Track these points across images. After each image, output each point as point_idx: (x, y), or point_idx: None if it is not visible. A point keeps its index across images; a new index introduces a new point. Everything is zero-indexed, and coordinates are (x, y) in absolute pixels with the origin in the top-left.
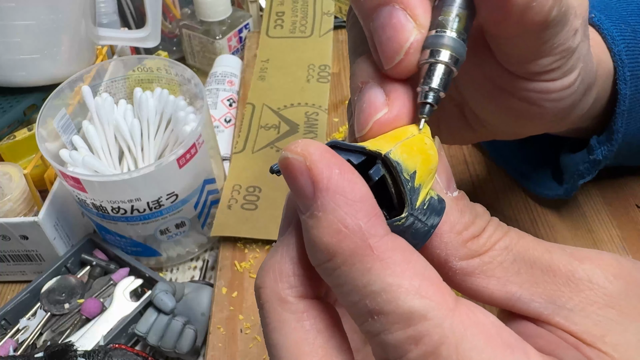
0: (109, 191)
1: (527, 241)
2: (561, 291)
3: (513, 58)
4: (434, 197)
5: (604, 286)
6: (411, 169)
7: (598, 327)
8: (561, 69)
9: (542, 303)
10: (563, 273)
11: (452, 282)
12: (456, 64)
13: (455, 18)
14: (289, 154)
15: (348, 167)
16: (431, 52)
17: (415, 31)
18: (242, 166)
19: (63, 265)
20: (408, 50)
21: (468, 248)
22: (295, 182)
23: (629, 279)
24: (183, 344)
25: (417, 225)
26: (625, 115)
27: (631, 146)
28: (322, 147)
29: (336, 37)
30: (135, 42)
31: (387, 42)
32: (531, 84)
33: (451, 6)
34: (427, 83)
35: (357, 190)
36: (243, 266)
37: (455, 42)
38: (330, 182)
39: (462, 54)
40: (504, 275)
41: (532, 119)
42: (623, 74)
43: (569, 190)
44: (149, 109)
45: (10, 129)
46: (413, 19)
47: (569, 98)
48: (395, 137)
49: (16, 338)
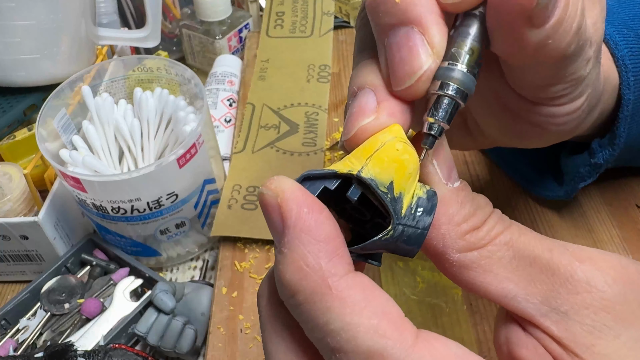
0: (109, 191)
1: (528, 238)
2: (557, 292)
3: (524, 83)
4: (422, 197)
5: (602, 289)
6: (387, 180)
7: (589, 334)
8: (570, 95)
9: (536, 304)
10: (562, 273)
11: (449, 273)
12: (465, 99)
13: (468, 51)
14: (264, 190)
15: (317, 206)
16: (441, 85)
17: (431, 60)
18: (242, 166)
19: (63, 265)
20: (420, 78)
21: (466, 240)
22: (268, 217)
23: (630, 282)
24: (183, 344)
25: (408, 231)
26: (628, 120)
27: (632, 149)
28: (294, 186)
29: (336, 37)
30: (135, 42)
31: (400, 64)
32: (538, 107)
33: (465, 39)
34: (434, 115)
35: (322, 230)
36: (243, 266)
37: (466, 77)
38: (297, 220)
39: (471, 89)
40: (501, 271)
41: (535, 137)
42: (627, 79)
43: (570, 192)
44: (149, 109)
45: (10, 129)
46: (430, 46)
47: (573, 121)
48: (367, 150)
49: (16, 338)
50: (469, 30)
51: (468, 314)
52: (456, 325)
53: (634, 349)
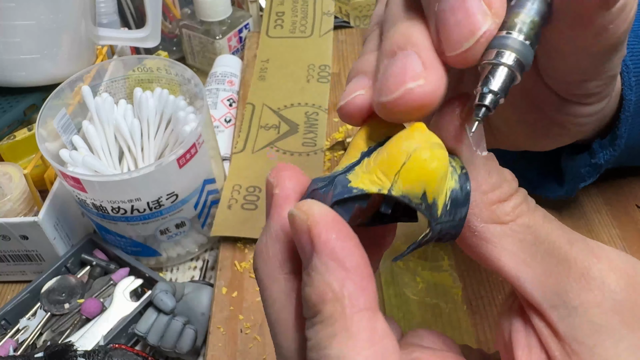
0: (109, 191)
1: (552, 226)
2: (571, 285)
3: (562, 77)
4: (455, 189)
5: (614, 291)
6: (419, 192)
7: (594, 333)
8: (601, 94)
9: (547, 294)
10: (578, 268)
11: (466, 243)
12: (522, 71)
13: (529, 23)
14: (294, 211)
15: (346, 233)
16: (497, 53)
17: (490, 21)
18: (242, 166)
19: (63, 265)
20: (479, 39)
21: (492, 211)
22: (297, 239)
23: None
24: (183, 344)
25: (446, 226)
26: (629, 121)
27: (633, 150)
28: (324, 210)
29: (336, 37)
30: (135, 42)
31: (456, 26)
32: (567, 105)
33: (526, 9)
34: (488, 85)
35: (349, 258)
36: (243, 266)
37: (526, 47)
38: (325, 246)
39: (529, 61)
40: (520, 253)
41: (549, 137)
42: (628, 80)
43: (570, 192)
44: (149, 109)
45: (10, 129)
46: (488, 7)
47: (593, 123)
48: (392, 164)
49: (16, 338)
50: (530, 3)
51: (468, 314)
52: (456, 325)
53: (633, 356)
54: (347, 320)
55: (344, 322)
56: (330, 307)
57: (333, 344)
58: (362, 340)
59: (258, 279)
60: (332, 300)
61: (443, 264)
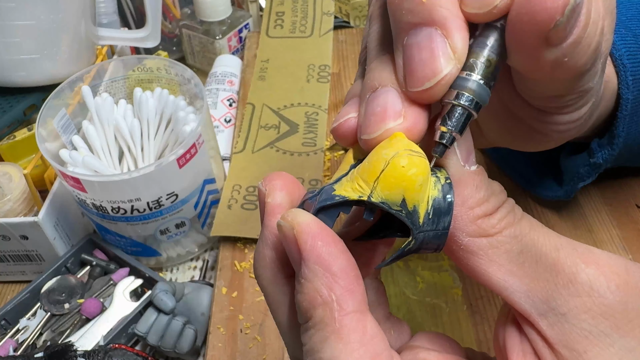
0: (109, 191)
1: (538, 234)
2: (559, 292)
3: (535, 94)
4: (437, 198)
5: (603, 295)
6: (398, 199)
7: (584, 339)
8: (576, 104)
9: (536, 302)
10: (566, 274)
11: (454, 256)
12: (478, 110)
13: (485, 62)
14: (281, 222)
15: (331, 238)
16: (457, 95)
17: (452, 65)
18: (242, 166)
19: (63, 265)
20: (440, 82)
21: (478, 225)
22: (287, 248)
23: (633, 290)
24: (183, 344)
25: (429, 235)
26: (627, 120)
27: (632, 149)
28: (308, 218)
29: (336, 37)
30: (135, 42)
31: (420, 65)
32: (544, 115)
33: (484, 50)
34: (447, 124)
35: (336, 263)
36: (243, 266)
37: (482, 88)
38: (311, 253)
39: (485, 101)
40: (507, 264)
41: (535, 142)
42: (625, 79)
43: (569, 192)
44: (149, 109)
45: (10, 129)
46: (452, 51)
47: (575, 128)
48: (372, 171)
49: (16, 338)
50: (488, 42)
51: (468, 314)
52: (456, 325)
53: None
54: (337, 324)
55: (334, 326)
56: (320, 311)
57: (325, 347)
58: (353, 342)
59: (261, 285)
60: (322, 305)
61: (443, 264)
